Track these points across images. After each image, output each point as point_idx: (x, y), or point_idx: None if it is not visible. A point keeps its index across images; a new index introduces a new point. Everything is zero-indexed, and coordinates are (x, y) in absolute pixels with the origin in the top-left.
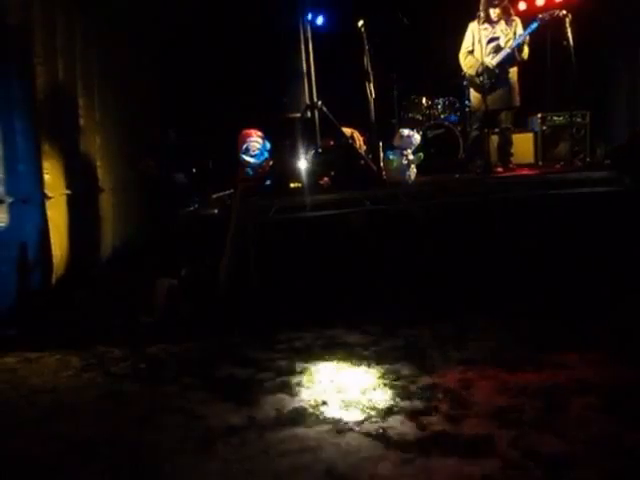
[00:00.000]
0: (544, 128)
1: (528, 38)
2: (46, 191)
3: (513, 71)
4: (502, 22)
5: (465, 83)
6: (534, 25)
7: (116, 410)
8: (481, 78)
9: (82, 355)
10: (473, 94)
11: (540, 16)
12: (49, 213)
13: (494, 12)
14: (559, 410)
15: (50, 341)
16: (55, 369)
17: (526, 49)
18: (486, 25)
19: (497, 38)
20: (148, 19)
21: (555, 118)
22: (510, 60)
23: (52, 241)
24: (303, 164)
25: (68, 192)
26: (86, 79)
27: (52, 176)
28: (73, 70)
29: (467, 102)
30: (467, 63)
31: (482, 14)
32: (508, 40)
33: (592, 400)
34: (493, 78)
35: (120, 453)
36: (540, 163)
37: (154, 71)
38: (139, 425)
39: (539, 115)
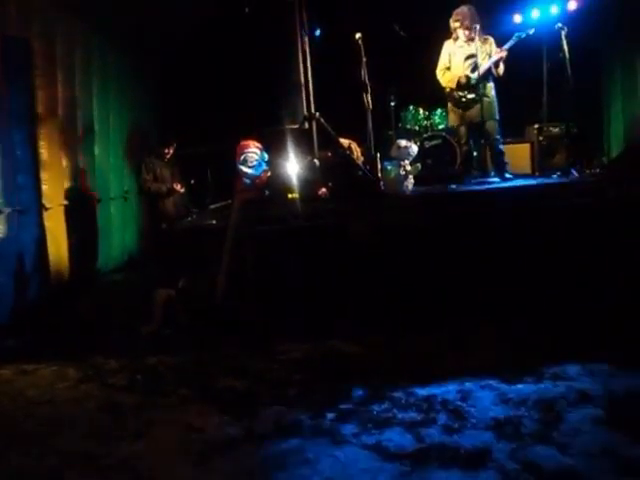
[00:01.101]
0: (541, 139)
1: (505, 54)
2: (44, 202)
3: (490, 86)
4: (477, 40)
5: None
6: (512, 42)
7: (114, 422)
8: (461, 92)
9: (79, 366)
10: (452, 109)
11: (517, 34)
12: (47, 224)
13: (462, 32)
14: (559, 421)
15: (47, 352)
16: (52, 381)
17: (502, 66)
18: (461, 43)
19: (474, 55)
20: (148, 32)
21: (552, 129)
22: (488, 76)
23: (49, 252)
24: (301, 175)
25: (66, 203)
26: (85, 92)
27: (50, 187)
28: (72, 83)
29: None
30: (446, 78)
31: (454, 34)
32: (484, 57)
33: (592, 411)
34: (473, 92)
35: (118, 466)
36: (537, 173)
37: (154, 84)
38: (137, 438)
39: (536, 126)
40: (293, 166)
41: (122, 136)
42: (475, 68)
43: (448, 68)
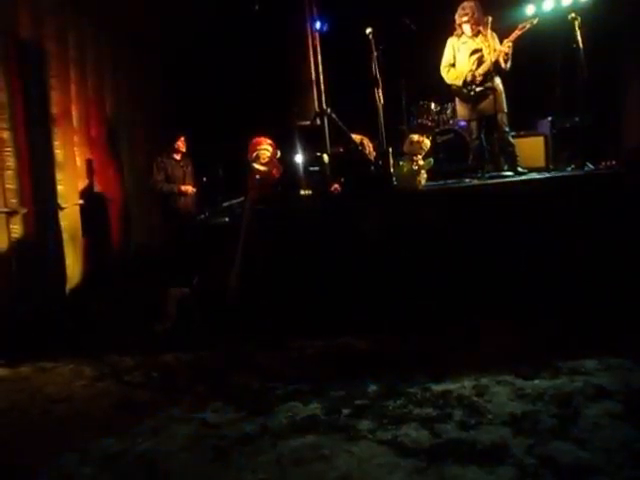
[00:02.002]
0: (554, 132)
1: (511, 48)
2: (59, 202)
3: (497, 80)
4: (480, 35)
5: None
6: (515, 34)
7: (130, 419)
8: (469, 87)
9: (96, 364)
10: (460, 105)
11: (520, 25)
12: (62, 223)
13: (467, 28)
14: (576, 417)
15: (64, 350)
16: (70, 378)
17: (509, 59)
18: (465, 39)
19: (479, 50)
20: (159, 31)
21: (565, 121)
22: (494, 70)
23: (65, 251)
24: (313, 171)
25: (81, 202)
26: (99, 92)
27: (65, 187)
28: (85, 83)
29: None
30: (451, 76)
31: (458, 29)
32: (490, 52)
33: (610, 406)
34: (480, 86)
35: (135, 463)
36: (551, 167)
37: (165, 82)
38: (153, 434)
39: (549, 119)
40: (305, 162)
41: (134, 135)
42: (480, 63)
43: (452, 65)
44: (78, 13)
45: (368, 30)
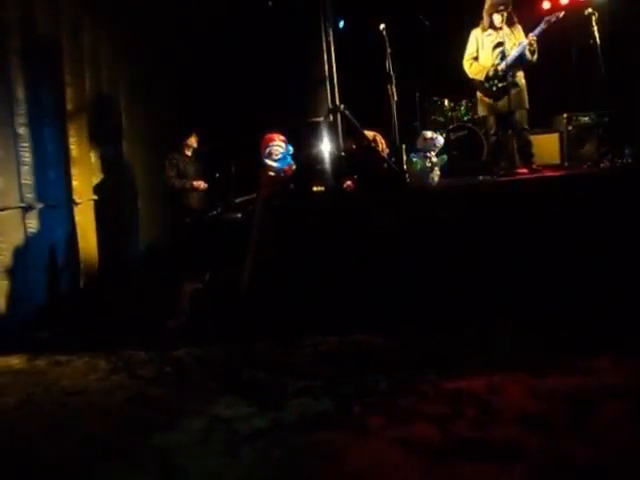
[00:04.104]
0: (570, 128)
1: (536, 41)
2: (74, 197)
3: (520, 75)
4: (505, 28)
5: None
6: (541, 27)
7: (144, 413)
8: (491, 82)
9: (110, 358)
10: (481, 100)
11: (546, 18)
12: (77, 218)
13: (498, 18)
14: (590, 416)
15: (79, 344)
16: (84, 371)
17: (536, 52)
18: (490, 31)
19: (502, 43)
20: (173, 26)
21: (581, 118)
22: (518, 64)
23: (80, 246)
24: (326, 168)
25: (95, 198)
26: (112, 88)
27: (80, 182)
28: (100, 80)
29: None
30: (473, 70)
31: (485, 20)
32: (513, 45)
33: (624, 406)
34: (503, 82)
35: (148, 456)
36: (566, 164)
37: (178, 79)
38: (166, 428)
39: (565, 115)
40: (318, 159)
41: (148, 131)
42: (503, 57)
43: (475, 58)
44: (93, 11)
45: (382, 26)
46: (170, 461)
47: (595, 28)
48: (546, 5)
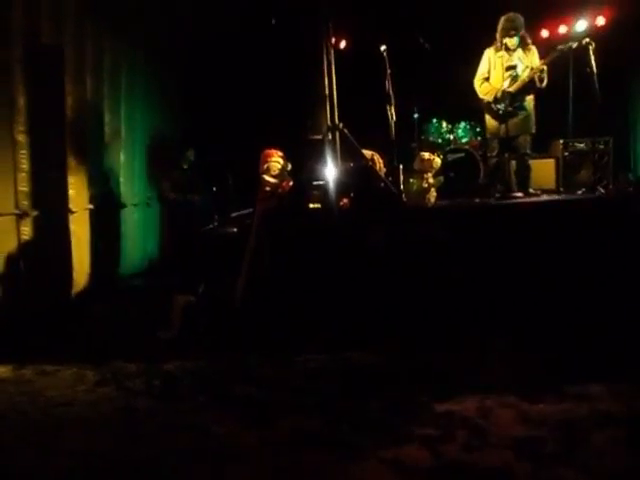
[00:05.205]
0: (566, 154)
1: (546, 68)
2: (70, 206)
3: (530, 99)
4: (519, 50)
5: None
6: (555, 54)
7: (130, 426)
8: (499, 105)
9: (98, 369)
10: (489, 121)
11: (559, 47)
12: (72, 227)
13: (510, 41)
14: (581, 443)
15: (67, 354)
16: (71, 382)
17: (546, 78)
18: (502, 52)
19: (514, 66)
20: (175, 41)
21: (577, 144)
22: (528, 88)
23: (73, 255)
24: (323, 185)
25: (91, 207)
26: (114, 97)
27: (76, 191)
28: (101, 89)
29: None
30: (483, 90)
31: (499, 42)
32: (525, 68)
33: (615, 433)
34: (511, 105)
35: (134, 469)
36: (561, 189)
37: (178, 92)
38: (153, 441)
39: (561, 141)
40: (315, 176)
41: (146, 142)
42: (514, 80)
43: (487, 79)
44: (97, 22)
45: (383, 47)
46: (156, 475)
47: (592, 57)
48: (544, 34)
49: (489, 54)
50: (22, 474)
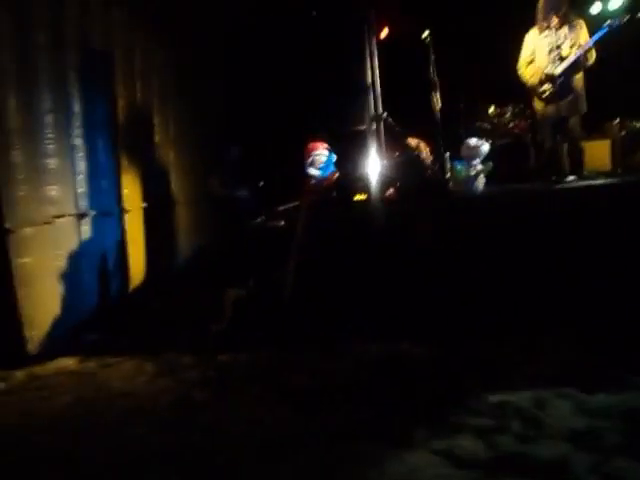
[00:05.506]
0: (622, 134)
1: (591, 46)
2: (125, 205)
3: (578, 78)
4: (564, 27)
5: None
6: (602, 31)
7: (188, 416)
8: (545, 86)
9: (156, 362)
10: (537, 103)
11: (609, 22)
12: (127, 226)
13: (554, 20)
14: None
15: (127, 347)
16: (132, 374)
17: (594, 55)
18: (546, 33)
19: (559, 46)
20: (218, 39)
21: (635, 123)
22: (575, 67)
23: (129, 252)
24: (369, 176)
25: (144, 205)
26: (162, 98)
27: (130, 190)
28: (150, 90)
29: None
30: (528, 72)
31: (542, 22)
32: (572, 46)
33: None
34: (558, 86)
35: (194, 457)
36: (619, 171)
37: (222, 87)
38: (209, 432)
39: (617, 120)
40: (361, 167)
41: (195, 141)
42: (560, 60)
43: (531, 62)
44: (145, 28)
45: (425, 34)
46: (212, 464)
47: None
48: (595, 9)
49: (532, 37)
50: (90, 463)
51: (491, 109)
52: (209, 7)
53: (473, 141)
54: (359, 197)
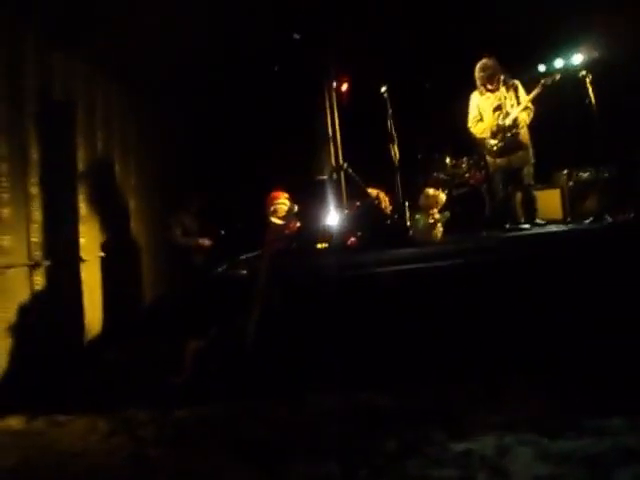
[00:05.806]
0: (570, 184)
1: (530, 103)
2: (81, 254)
3: (523, 133)
4: (502, 89)
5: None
6: (537, 91)
7: (143, 475)
8: (493, 141)
9: (110, 418)
10: (488, 157)
11: (542, 81)
12: (83, 275)
13: (486, 85)
14: None
15: (79, 403)
16: (84, 433)
17: (531, 114)
18: (488, 94)
19: (501, 105)
20: (179, 89)
21: (582, 174)
22: (519, 123)
23: (85, 303)
24: (330, 225)
25: (103, 254)
26: (123, 147)
27: (88, 240)
28: (111, 139)
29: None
30: (479, 129)
31: (480, 87)
32: (512, 104)
33: (639, 469)
34: (507, 139)
35: None
36: (568, 219)
37: (185, 137)
38: None
39: (565, 171)
40: (322, 216)
41: (155, 190)
42: (506, 117)
43: (480, 119)
44: (107, 78)
45: (383, 88)
46: None
47: (590, 89)
48: (541, 68)
49: (475, 97)
50: None
51: (447, 160)
52: (173, 58)
53: (431, 191)
54: (321, 245)
